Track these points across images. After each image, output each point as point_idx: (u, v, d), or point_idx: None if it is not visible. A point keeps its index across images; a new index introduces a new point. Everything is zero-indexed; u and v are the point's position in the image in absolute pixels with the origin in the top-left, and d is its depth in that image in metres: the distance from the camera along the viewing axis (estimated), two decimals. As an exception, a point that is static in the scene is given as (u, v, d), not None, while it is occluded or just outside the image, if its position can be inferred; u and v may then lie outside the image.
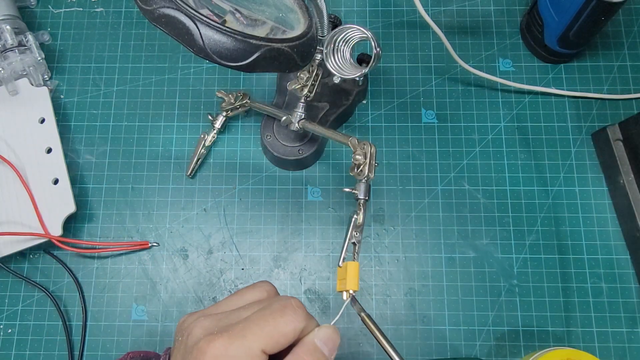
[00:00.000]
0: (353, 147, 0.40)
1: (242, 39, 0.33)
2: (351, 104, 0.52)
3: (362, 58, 0.50)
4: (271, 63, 0.34)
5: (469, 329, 0.48)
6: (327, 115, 0.51)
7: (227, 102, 0.51)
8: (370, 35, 0.41)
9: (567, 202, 0.51)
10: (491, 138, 0.53)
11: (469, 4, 0.58)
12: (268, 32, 0.36)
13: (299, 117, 0.46)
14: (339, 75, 0.42)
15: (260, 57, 0.33)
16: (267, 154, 0.52)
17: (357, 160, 0.40)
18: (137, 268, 0.50)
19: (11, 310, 0.49)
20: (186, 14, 0.31)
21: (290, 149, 0.50)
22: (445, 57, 0.55)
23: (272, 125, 0.51)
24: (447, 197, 0.51)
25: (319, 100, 0.51)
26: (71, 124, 0.54)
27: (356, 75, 0.42)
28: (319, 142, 0.50)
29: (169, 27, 0.32)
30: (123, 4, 0.58)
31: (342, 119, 0.53)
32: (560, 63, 0.55)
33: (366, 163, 0.39)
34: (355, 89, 0.51)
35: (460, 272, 0.49)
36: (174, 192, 0.52)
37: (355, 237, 0.38)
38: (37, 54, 0.53)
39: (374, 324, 0.36)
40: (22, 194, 0.49)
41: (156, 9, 0.32)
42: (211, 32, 0.32)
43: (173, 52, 0.56)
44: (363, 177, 0.39)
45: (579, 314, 0.48)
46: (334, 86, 0.51)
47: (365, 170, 0.39)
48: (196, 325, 0.31)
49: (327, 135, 0.45)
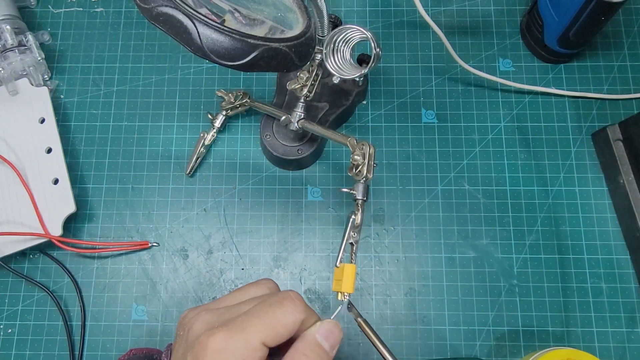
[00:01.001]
0: (352, 148, 0.40)
1: (239, 38, 0.33)
2: (351, 104, 0.52)
3: (362, 58, 0.50)
4: (269, 62, 0.34)
5: (469, 329, 0.48)
6: (327, 115, 0.51)
7: (227, 101, 0.51)
8: (370, 36, 0.41)
9: (567, 202, 0.51)
10: (491, 138, 0.53)
11: (469, 4, 0.58)
12: (267, 32, 0.36)
13: (298, 117, 0.46)
14: (338, 76, 0.42)
15: (258, 56, 0.33)
16: (266, 153, 0.52)
17: (355, 160, 0.39)
18: (137, 268, 0.50)
19: (11, 310, 0.49)
20: (184, 12, 0.31)
21: (290, 148, 0.50)
22: (445, 57, 0.55)
23: (271, 125, 0.51)
24: (447, 197, 0.51)
25: (318, 100, 0.51)
26: (71, 124, 0.54)
27: (356, 76, 0.42)
28: (318, 142, 0.50)
29: (167, 25, 0.32)
30: (123, 4, 0.58)
31: (342, 119, 0.53)
32: (560, 63, 0.55)
33: (364, 164, 0.39)
34: (355, 89, 0.51)
35: (460, 272, 0.49)
36: (174, 192, 0.52)
37: (353, 238, 0.38)
38: (37, 54, 0.53)
39: (370, 329, 0.36)
40: (22, 194, 0.49)
41: (154, 7, 0.32)
42: (209, 31, 0.32)
43: (173, 52, 0.56)
44: (361, 178, 0.39)
45: (579, 314, 0.48)
46: (333, 86, 0.51)
47: (363, 171, 0.39)
48: (197, 319, 0.31)
49: (326, 136, 0.45)
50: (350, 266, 0.36)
